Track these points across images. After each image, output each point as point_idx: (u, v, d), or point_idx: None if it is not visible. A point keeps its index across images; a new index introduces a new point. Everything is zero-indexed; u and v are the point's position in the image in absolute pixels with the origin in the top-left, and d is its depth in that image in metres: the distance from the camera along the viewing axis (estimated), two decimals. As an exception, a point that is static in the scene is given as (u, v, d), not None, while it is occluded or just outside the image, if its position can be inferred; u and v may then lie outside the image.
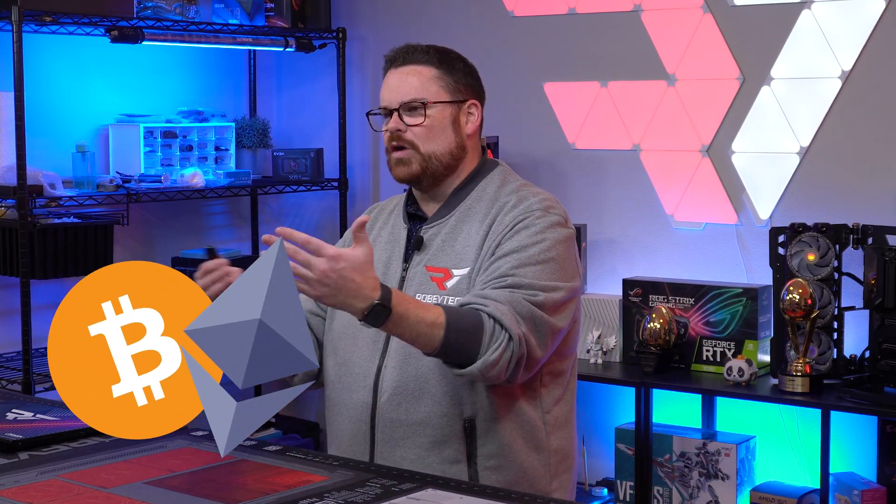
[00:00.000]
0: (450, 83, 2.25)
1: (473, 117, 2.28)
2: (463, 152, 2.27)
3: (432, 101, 2.23)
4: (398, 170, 2.27)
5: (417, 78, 2.24)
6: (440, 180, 2.27)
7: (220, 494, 1.77)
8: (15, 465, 1.93)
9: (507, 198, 2.22)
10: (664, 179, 3.91)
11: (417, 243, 2.25)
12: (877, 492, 3.33)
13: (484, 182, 2.27)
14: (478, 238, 2.19)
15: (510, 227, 2.16)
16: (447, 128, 2.24)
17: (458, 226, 2.23)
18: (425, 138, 2.23)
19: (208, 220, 4.60)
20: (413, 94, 2.23)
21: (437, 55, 2.27)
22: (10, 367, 3.72)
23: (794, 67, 3.65)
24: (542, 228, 2.15)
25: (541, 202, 2.20)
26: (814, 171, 3.64)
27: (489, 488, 1.87)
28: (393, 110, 2.24)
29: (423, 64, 2.25)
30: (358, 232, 1.96)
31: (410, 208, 2.33)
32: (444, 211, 2.27)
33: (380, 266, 2.27)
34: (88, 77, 4.12)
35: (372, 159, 4.62)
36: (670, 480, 3.63)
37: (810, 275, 3.40)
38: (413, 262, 2.24)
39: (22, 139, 3.50)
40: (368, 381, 2.19)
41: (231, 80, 4.65)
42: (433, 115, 2.23)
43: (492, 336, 2.02)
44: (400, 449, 2.15)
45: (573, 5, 4.07)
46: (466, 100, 2.27)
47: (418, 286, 2.20)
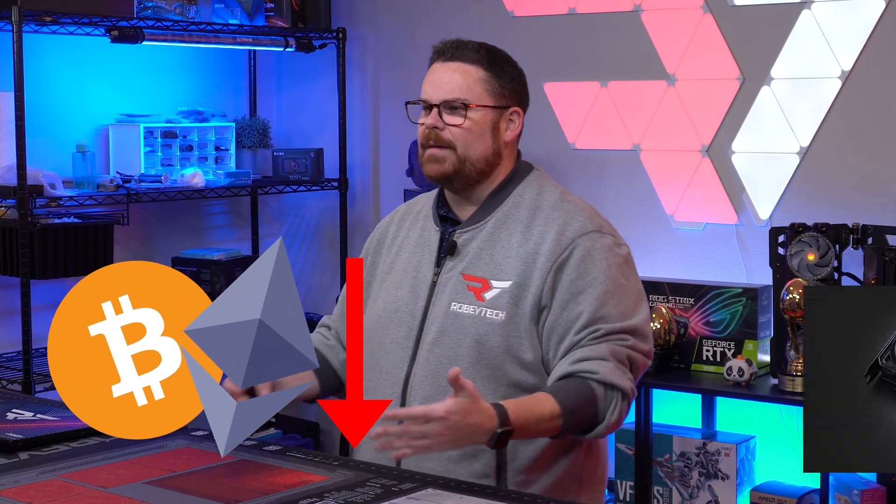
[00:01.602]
0: (495, 87, 2.18)
1: (514, 125, 2.21)
2: (498, 159, 2.20)
3: (475, 103, 2.16)
4: (430, 167, 2.18)
5: (463, 77, 2.16)
6: (472, 184, 2.19)
7: (220, 494, 1.77)
8: (15, 465, 1.93)
9: (553, 213, 2.16)
10: (664, 179, 3.91)
11: (451, 248, 2.17)
12: (877, 492, 3.33)
13: (521, 187, 2.20)
14: (521, 251, 2.12)
15: (568, 250, 2.10)
16: (486, 133, 2.17)
17: (496, 233, 2.16)
18: (463, 140, 2.16)
19: (208, 220, 4.60)
20: (456, 93, 2.15)
21: (488, 56, 2.19)
22: (10, 367, 3.72)
23: (794, 67, 3.65)
24: (605, 254, 2.11)
25: (591, 221, 2.15)
26: (814, 171, 3.64)
27: (489, 488, 1.87)
28: (433, 105, 2.17)
29: (471, 63, 2.17)
30: (455, 382, 1.87)
31: (441, 210, 2.25)
32: (480, 216, 2.19)
33: (410, 270, 2.21)
34: (88, 77, 4.11)
35: (372, 159, 4.62)
36: (670, 480, 3.63)
37: (810, 275, 3.40)
38: (445, 267, 2.17)
39: (22, 139, 3.50)
40: (396, 389, 2.14)
41: (231, 80, 4.64)
42: (474, 118, 2.16)
43: (606, 400, 2.02)
44: (428, 461, 2.08)
45: (573, 5, 4.07)
46: (509, 106, 2.20)
47: (452, 294, 2.14)
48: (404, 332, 2.16)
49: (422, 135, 2.19)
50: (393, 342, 2.16)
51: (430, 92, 2.18)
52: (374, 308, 2.25)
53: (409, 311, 2.18)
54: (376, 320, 2.21)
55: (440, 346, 2.11)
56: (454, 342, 2.11)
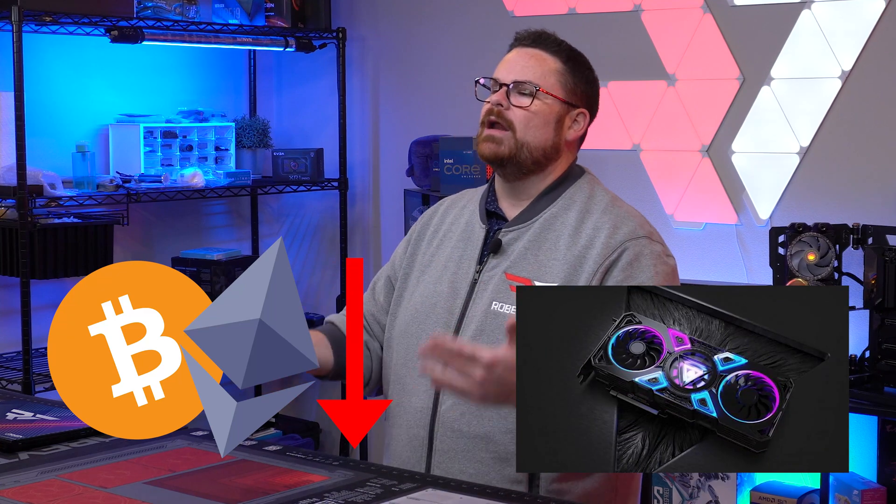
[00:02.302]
0: (569, 82, 2.15)
1: (578, 125, 2.18)
2: (556, 154, 2.16)
3: (546, 90, 2.13)
4: (486, 146, 2.14)
5: (539, 63, 2.14)
6: (524, 174, 2.15)
7: (220, 494, 1.77)
8: (15, 465, 1.93)
9: (603, 217, 2.13)
10: (664, 179, 3.91)
11: (495, 246, 2.13)
12: (877, 492, 3.33)
13: (572, 190, 2.17)
14: (568, 254, 2.08)
15: (616, 253, 2.07)
16: (550, 123, 2.14)
17: (543, 234, 2.12)
18: (525, 123, 2.12)
19: (208, 220, 4.60)
20: (529, 75, 2.13)
21: (568, 52, 2.17)
22: (10, 367, 3.72)
23: (794, 67, 3.65)
24: (654, 261, 2.09)
25: (641, 227, 2.14)
26: (814, 171, 3.64)
27: (489, 488, 1.87)
28: (503, 85, 2.14)
29: (550, 53, 2.15)
30: (511, 332, 1.82)
31: (490, 206, 2.20)
32: (528, 215, 2.15)
33: (451, 265, 2.17)
34: (88, 77, 4.12)
35: (372, 159, 4.62)
36: (670, 480, 3.63)
37: (810, 275, 3.40)
38: (488, 265, 2.13)
39: (22, 139, 3.50)
40: (430, 386, 2.08)
41: (231, 80, 4.65)
42: (540, 104, 2.12)
43: None
44: (459, 462, 2.06)
45: (573, 5, 4.07)
46: (578, 106, 2.17)
47: (494, 293, 2.09)
48: (442, 329, 2.11)
49: (485, 111, 2.16)
50: (429, 337, 2.11)
51: (502, 72, 2.16)
52: (411, 301, 2.20)
53: (447, 307, 2.13)
54: (414, 315, 2.17)
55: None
56: (493, 340, 2.05)
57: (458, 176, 3.82)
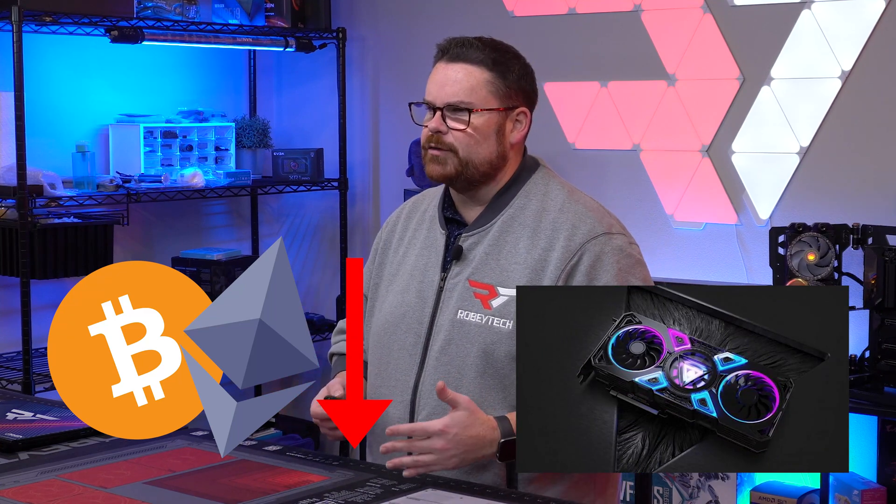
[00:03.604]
0: (501, 88, 2.11)
1: (521, 126, 2.15)
2: (503, 161, 2.13)
3: (479, 107, 2.09)
4: (432, 168, 2.13)
5: (467, 78, 2.10)
6: (476, 186, 2.14)
7: (220, 494, 1.77)
8: (15, 465, 1.93)
9: (560, 216, 2.10)
10: (664, 179, 3.91)
11: (457, 253, 2.12)
12: (877, 492, 3.33)
13: (526, 187, 2.15)
14: (529, 258, 2.07)
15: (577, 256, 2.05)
16: (490, 136, 2.11)
17: (502, 237, 2.11)
18: (466, 144, 2.09)
19: (208, 220, 4.60)
20: (460, 95, 2.09)
21: (493, 55, 2.12)
22: (10, 367, 3.72)
23: (794, 67, 3.65)
24: (616, 257, 2.06)
25: (599, 223, 2.09)
26: (814, 171, 3.64)
27: (489, 488, 1.87)
28: (437, 108, 2.12)
29: (475, 63, 2.10)
30: (444, 396, 1.91)
31: (448, 212, 2.19)
32: (485, 219, 2.13)
33: (416, 274, 2.17)
34: (88, 77, 4.12)
35: (372, 159, 4.62)
36: (670, 480, 3.63)
37: (810, 275, 3.40)
38: (452, 272, 2.12)
39: (22, 139, 3.50)
40: (406, 397, 2.10)
41: (231, 80, 4.65)
42: (477, 122, 2.09)
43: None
44: (437, 473, 2.03)
45: (573, 5, 4.07)
46: (516, 107, 2.14)
47: (459, 301, 2.09)
48: (412, 339, 2.13)
49: (424, 137, 2.15)
50: (401, 348, 2.13)
51: (433, 93, 2.13)
52: (381, 311, 2.21)
53: (416, 317, 2.14)
54: (384, 325, 2.18)
55: (447, 355, 2.08)
56: (461, 351, 2.07)
57: (458, 176, 3.81)
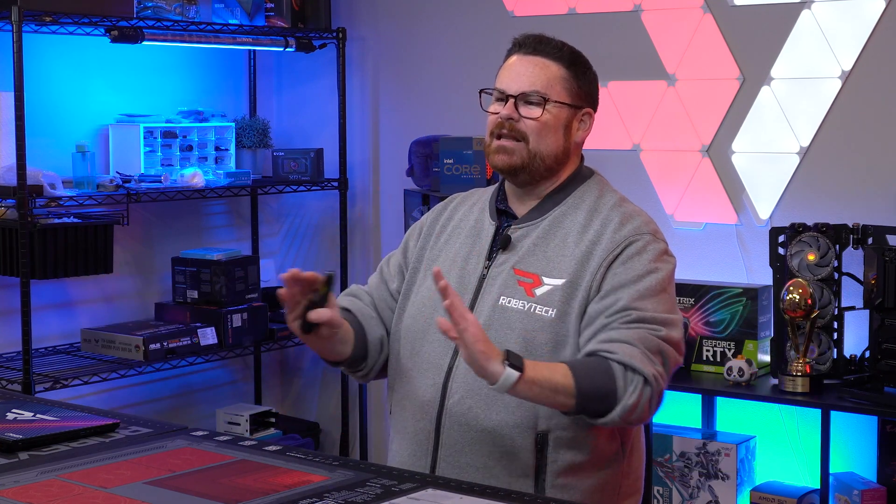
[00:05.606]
0: (574, 87, 2.18)
1: (585, 126, 2.22)
2: (566, 157, 2.20)
3: (554, 99, 2.15)
4: (498, 157, 2.17)
5: (544, 72, 2.16)
6: (537, 180, 2.19)
7: (220, 494, 1.77)
8: (15, 465, 1.93)
9: (611, 213, 2.16)
10: (664, 179, 3.91)
11: (504, 242, 2.16)
12: (877, 492, 3.33)
13: (581, 189, 2.21)
14: (576, 250, 2.11)
15: (621, 248, 2.09)
16: (559, 130, 2.17)
17: (552, 230, 2.15)
18: (537, 134, 2.15)
19: (208, 220, 4.60)
20: (537, 85, 2.15)
21: (570, 56, 2.19)
22: (10, 367, 3.72)
23: (794, 67, 3.65)
24: (655, 257, 2.10)
25: (647, 225, 2.15)
26: (814, 171, 3.64)
27: (489, 488, 1.87)
28: (510, 96, 2.16)
29: (553, 59, 2.17)
30: (439, 279, 1.92)
31: (500, 204, 2.23)
32: (537, 213, 2.18)
33: (458, 261, 2.19)
34: (88, 77, 4.12)
35: (372, 159, 4.62)
36: (670, 480, 3.63)
37: (810, 275, 3.40)
38: (497, 261, 2.15)
39: (22, 139, 3.50)
40: (438, 380, 2.11)
41: (231, 80, 4.65)
42: (551, 114, 2.15)
43: (625, 382, 1.96)
44: (466, 455, 2.07)
45: (573, 5, 4.07)
46: (583, 107, 2.20)
47: (502, 288, 2.11)
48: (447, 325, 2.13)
49: (493, 123, 2.18)
50: (436, 333, 2.10)
51: (508, 83, 2.18)
52: (418, 296, 2.22)
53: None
54: (420, 309, 2.19)
55: None
56: (500, 336, 2.07)
57: (458, 176, 3.82)
